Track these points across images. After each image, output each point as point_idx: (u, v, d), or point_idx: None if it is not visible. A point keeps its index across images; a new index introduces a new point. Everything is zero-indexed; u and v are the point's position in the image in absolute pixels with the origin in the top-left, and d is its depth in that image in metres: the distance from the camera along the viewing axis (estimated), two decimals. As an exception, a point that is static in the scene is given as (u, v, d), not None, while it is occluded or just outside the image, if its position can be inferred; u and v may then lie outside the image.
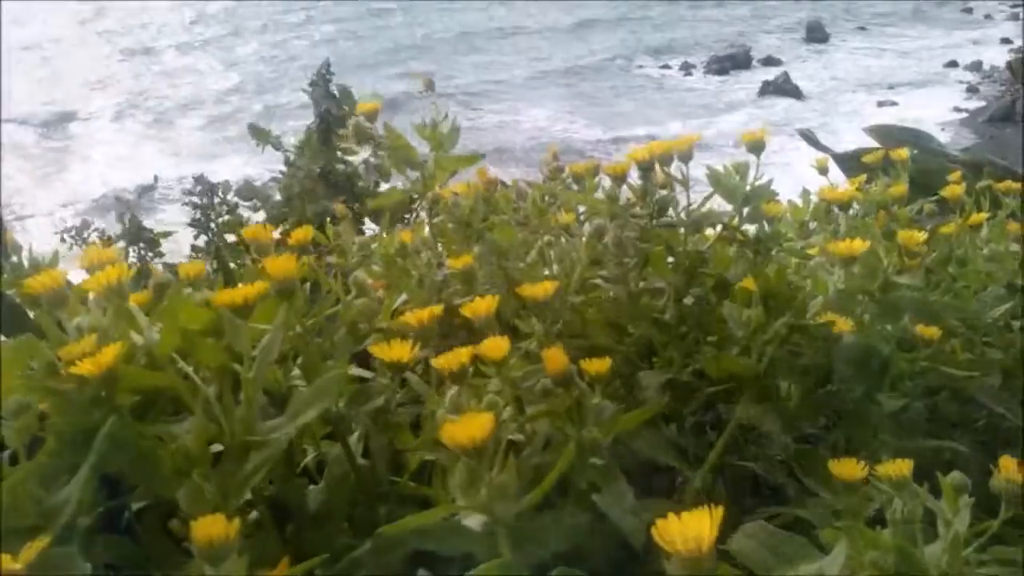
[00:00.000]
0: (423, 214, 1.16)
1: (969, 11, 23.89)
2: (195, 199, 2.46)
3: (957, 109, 15.82)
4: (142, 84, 18.01)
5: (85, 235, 2.10)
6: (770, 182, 1.14)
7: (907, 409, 1.06)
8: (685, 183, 1.14)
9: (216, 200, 2.60)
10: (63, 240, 2.06)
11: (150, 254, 2.70)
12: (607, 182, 1.17)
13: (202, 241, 2.52)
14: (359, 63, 18.13)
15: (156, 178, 2.91)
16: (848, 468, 0.85)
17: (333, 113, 2.39)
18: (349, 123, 1.10)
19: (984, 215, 1.30)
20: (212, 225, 2.55)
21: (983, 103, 15.88)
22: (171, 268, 2.55)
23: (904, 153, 1.27)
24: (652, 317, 1.14)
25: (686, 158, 1.14)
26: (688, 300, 1.14)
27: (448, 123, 1.13)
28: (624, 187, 1.16)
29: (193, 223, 2.73)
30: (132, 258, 2.71)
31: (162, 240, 2.96)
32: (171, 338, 0.72)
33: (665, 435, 1.08)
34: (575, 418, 0.79)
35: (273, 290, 0.75)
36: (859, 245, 0.95)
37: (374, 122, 1.11)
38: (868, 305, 1.08)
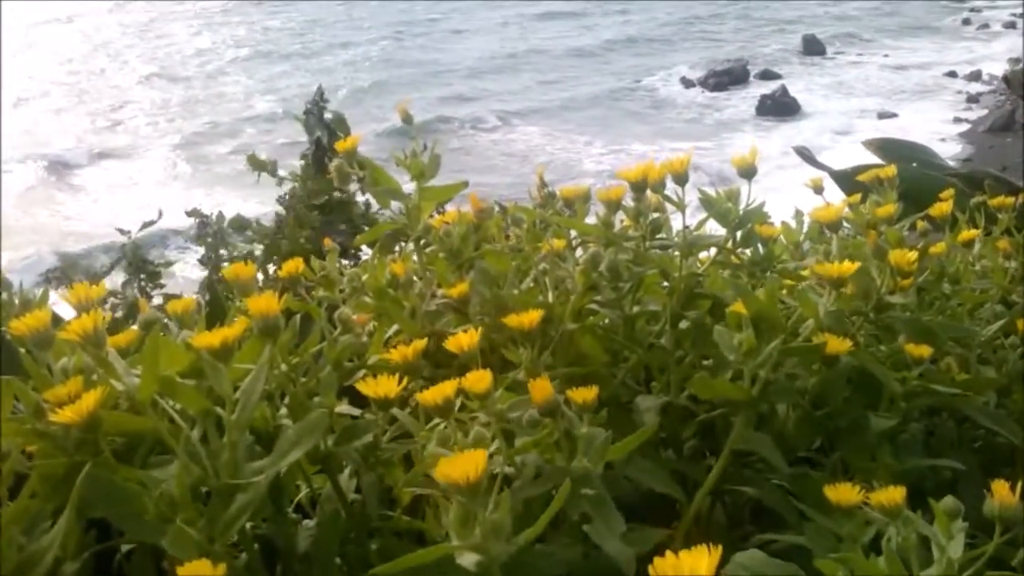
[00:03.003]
0: (412, 245, 1.15)
1: (967, 22, 24.01)
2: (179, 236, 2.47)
3: (957, 119, 15.85)
4: (164, 113, 18.12)
5: (71, 275, 2.09)
6: (762, 205, 1.13)
7: (904, 430, 1.05)
8: (680, 205, 1.14)
9: (210, 231, 2.60)
10: (48, 280, 2.06)
11: (150, 286, 2.70)
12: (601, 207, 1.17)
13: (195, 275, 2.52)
14: (382, 88, 18.38)
15: (160, 212, 2.90)
16: (844, 493, 0.85)
17: (325, 142, 2.40)
18: (333, 162, 1.10)
19: (975, 232, 1.29)
20: (204, 259, 2.56)
21: (983, 112, 15.91)
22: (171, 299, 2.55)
23: (892, 171, 1.27)
24: (648, 342, 1.13)
25: (681, 180, 1.13)
26: (684, 324, 1.13)
27: (428, 153, 1.12)
28: (619, 212, 1.15)
29: (202, 260, 2.73)
30: (133, 291, 2.71)
31: (164, 271, 2.97)
32: (150, 384, 0.72)
33: (662, 461, 1.08)
34: (565, 448, 0.78)
35: (256, 329, 0.75)
36: (848, 267, 0.95)
37: (354, 158, 1.11)
38: (862, 326, 1.07)
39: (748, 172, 1.13)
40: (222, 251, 2.76)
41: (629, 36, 23.03)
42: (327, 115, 2.64)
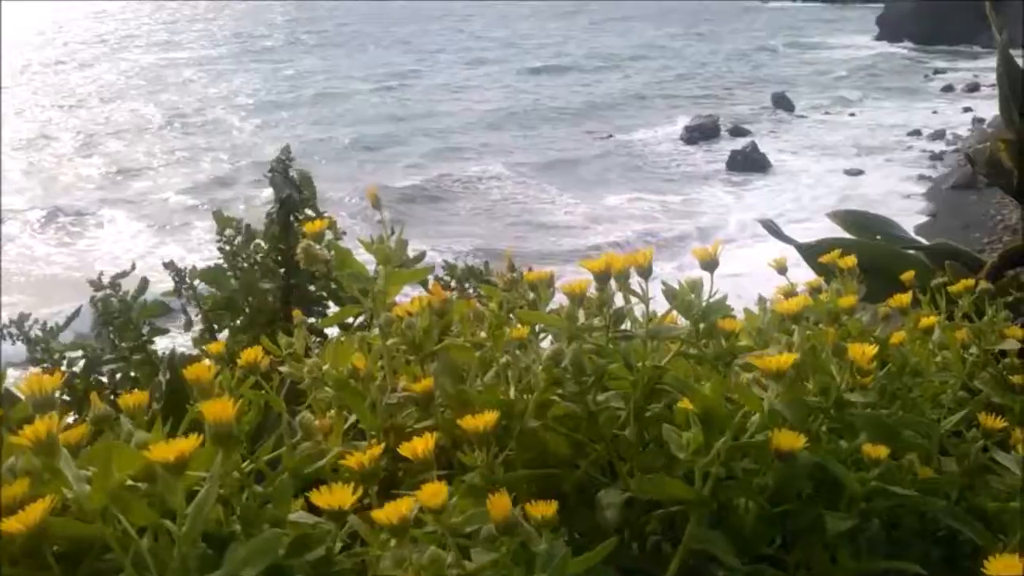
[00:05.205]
0: (376, 331, 1.15)
1: (931, 82, 24.76)
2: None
3: (921, 177, 16.23)
4: (164, 160, 18.17)
5: (27, 328, 2.02)
6: (725, 297, 1.14)
7: (865, 529, 1.05)
8: (644, 298, 1.14)
9: (184, 287, 2.55)
10: (3, 336, 1.99)
11: (119, 339, 2.64)
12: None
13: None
14: (381, 140, 18.71)
15: (133, 265, 2.83)
16: (804, 603, 0.84)
17: (294, 199, 2.38)
18: (302, 243, 1.10)
19: (935, 319, 1.31)
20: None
21: (947, 170, 16.32)
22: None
23: (852, 261, 1.29)
24: (612, 433, 1.13)
25: (645, 273, 1.14)
26: (648, 414, 1.13)
27: (394, 237, 1.12)
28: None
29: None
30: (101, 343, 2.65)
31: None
32: (100, 497, 0.70)
33: (623, 557, 1.06)
34: (521, 562, 0.77)
35: (209, 436, 0.73)
36: (786, 360, 0.96)
37: (322, 241, 1.11)
38: (823, 423, 1.07)
39: (710, 265, 1.14)
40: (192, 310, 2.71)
41: (606, 92, 23.66)
42: (292, 173, 2.62)
